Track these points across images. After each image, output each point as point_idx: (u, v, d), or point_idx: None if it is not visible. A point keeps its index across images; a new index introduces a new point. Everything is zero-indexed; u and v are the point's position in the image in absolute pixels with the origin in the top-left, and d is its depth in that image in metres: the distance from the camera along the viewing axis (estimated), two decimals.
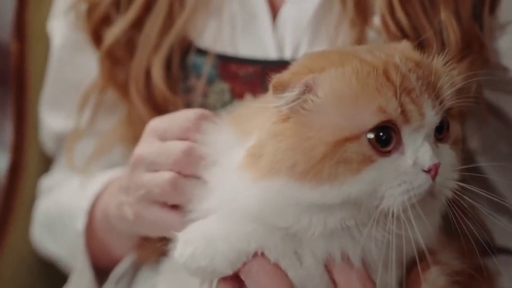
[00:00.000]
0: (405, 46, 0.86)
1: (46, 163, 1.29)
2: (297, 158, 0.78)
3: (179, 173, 0.89)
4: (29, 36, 1.29)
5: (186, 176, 0.89)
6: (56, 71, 1.22)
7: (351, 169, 0.77)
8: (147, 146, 0.93)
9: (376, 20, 1.02)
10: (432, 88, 0.80)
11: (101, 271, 1.16)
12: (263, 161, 0.80)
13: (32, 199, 1.27)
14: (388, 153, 0.79)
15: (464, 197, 0.84)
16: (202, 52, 1.11)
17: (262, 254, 0.82)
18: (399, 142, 0.79)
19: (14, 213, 1.29)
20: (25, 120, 1.30)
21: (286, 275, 0.82)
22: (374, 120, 0.77)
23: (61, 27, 1.20)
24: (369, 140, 0.78)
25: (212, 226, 0.83)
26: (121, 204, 0.99)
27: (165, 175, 0.90)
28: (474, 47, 1.02)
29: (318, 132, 0.78)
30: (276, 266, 0.82)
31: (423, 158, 0.79)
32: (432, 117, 0.80)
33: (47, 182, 1.26)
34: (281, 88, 0.80)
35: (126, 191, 0.97)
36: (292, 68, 0.83)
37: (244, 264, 0.82)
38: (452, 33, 1.00)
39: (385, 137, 0.78)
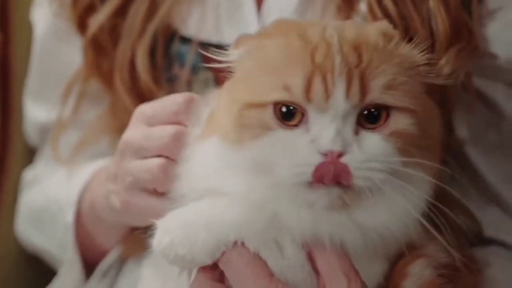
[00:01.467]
0: (381, 25, 0.84)
1: (32, 155, 1.27)
2: (226, 118, 0.80)
3: (167, 158, 0.88)
4: (13, 26, 1.27)
5: (175, 161, 0.87)
6: (39, 61, 1.21)
7: (252, 134, 0.79)
8: (134, 132, 0.91)
9: (363, 7, 1.01)
10: (359, 75, 0.77)
11: (88, 264, 1.14)
12: (212, 121, 0.82)
13: (17, 192, 1.25)
14: (294, 126, 0.78)
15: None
16: (186, 40, 1.09)
17: (242, 243, 0.80)
18: (307, 119, 0.78)
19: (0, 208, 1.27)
20: (10, 112, 1.28)
21: (266, 265, 0.80)
22: (276, 95, 0.78)
23: (45, 16, 1.19)
24: (274, 110, 0.78)
25: (192, 214, 0.81)
26: (108, 193, 0.97)
27: (155, 161, 0.88)
28: (463, 35, 1.00)
29: (238, 95, 0.80)
30: (256, 256, 0.80)
31: (322, 139, 0.76)
32: (341, 102, 0.77)
33: (30, 174, 1.24)
34: (232, 47, 0.82)
35: (114, 179, 0.95)
36: (258, 31, 0.86)
37: (223, 253, 0.80)
38: (441, 21, 0.98)
39: (287, 111, 0.78)
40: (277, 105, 0.78)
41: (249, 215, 0.80)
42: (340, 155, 0.76)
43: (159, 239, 0.81)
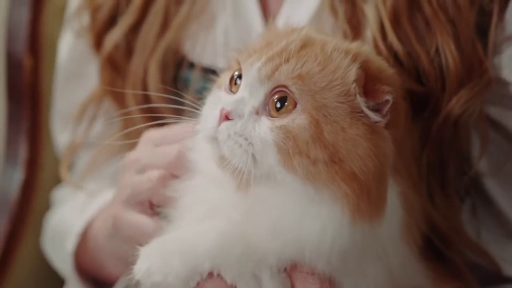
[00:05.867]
0: (354, 45, 0.84)
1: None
2: None
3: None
4: (43, 50, 1.28)
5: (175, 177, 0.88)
6: (63, 84, 1.21)
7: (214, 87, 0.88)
8: (142, 150, 0.93)
9: (369, 34, 0.97)
10: (284, 59, 0.80)
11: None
12: None
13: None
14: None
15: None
16: (194, 66, 1.08)
17: (219, 275, 0.78)
18: None
19: (26, 229, 1.28)
20: (39, 135, 1.29)
21: None
22: (236, 56, 0.85)
23: (68, 39, 1.19)
24: (232, 76, 0.84)
25: (171, 241, 0.80)
26: (106, 216, 0.98)
27: (156, 172, 0.89)
28: (475, 72, 0.95)
29: None
30: None
31: (226, 98, 0.81)
32: (254, 71, 0.81)
33: (59, 193, 1.25)
34: None
35: (114, 199, 0.96)
36: None
37: (199, 284, 0.78)
38: (451, 58, 0.93)
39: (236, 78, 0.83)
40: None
41: (224, 244, 0.78)
42: (227, 117, 0.79)
43: (139, 266, 0.80)
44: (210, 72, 1.05)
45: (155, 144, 0.92)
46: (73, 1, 1.20)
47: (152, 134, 0.93)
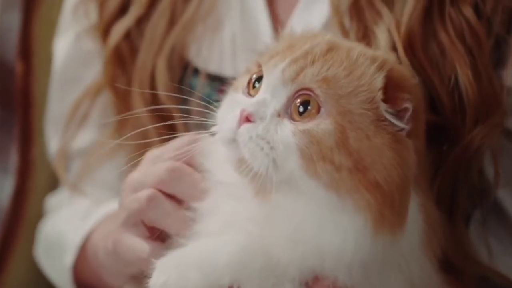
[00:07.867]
0: (379, 54, 0.84)
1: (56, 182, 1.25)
2: None
3: (161, 191, 0.86)
4: (35, 56, 1.26)
5: (167, 195, 0.85)
6: (59, 88, 1.19)
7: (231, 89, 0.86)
8: (139, 170, 0.90)
9: (382, 42, 0.95)
10: (309, 62, 0.79)
11: None
12: None
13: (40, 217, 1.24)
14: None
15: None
16: (199, 72, 1.07)
17: None
18: None
19: (18, 238, 1.26)
20: (31, 143, 1.27)
21: None
22: (258, 58, 0.84)
23: (66, 43, 1.17)
24: (250, 79, 0.82)
25: (188, 254, 0.79)
26: (106, 233, 0.95)
27: (145, 192, 0.86)
28: (493, 103, 0.94)
29: None
30: None
31: (245, 100, 0.80)
32: (277, 72, 0.79)
33: (53, 200, 1.23)
34: None
35: (114, 218, 0.93)
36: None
37: None
38: (470, 89, 0.92)
39: (255, 80, 0.82)
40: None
41: (244, 257, 0.77)
42: (248, 119, 0.78)
43: (155, 279, 0.79)
44: (216, 79, 1.04)
45: (153, 162, 0.89)
46: (69, 3, 1.18)
47: (151, 152, 0.90)
